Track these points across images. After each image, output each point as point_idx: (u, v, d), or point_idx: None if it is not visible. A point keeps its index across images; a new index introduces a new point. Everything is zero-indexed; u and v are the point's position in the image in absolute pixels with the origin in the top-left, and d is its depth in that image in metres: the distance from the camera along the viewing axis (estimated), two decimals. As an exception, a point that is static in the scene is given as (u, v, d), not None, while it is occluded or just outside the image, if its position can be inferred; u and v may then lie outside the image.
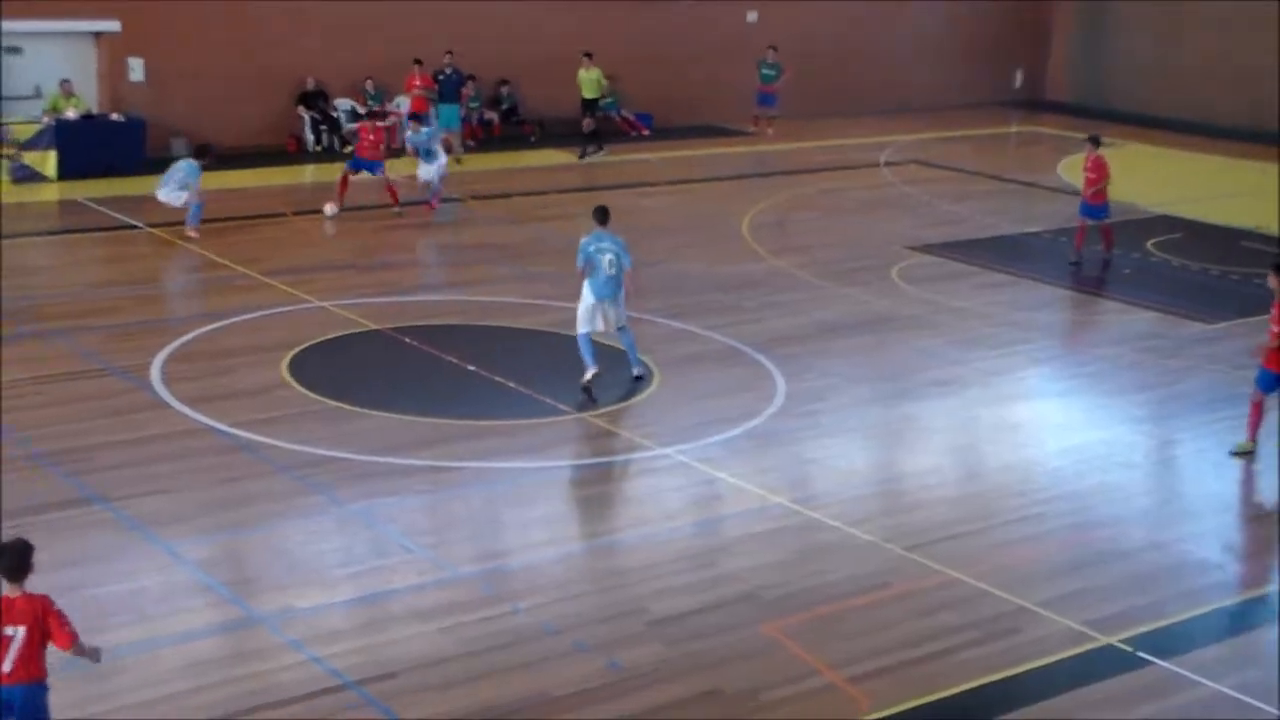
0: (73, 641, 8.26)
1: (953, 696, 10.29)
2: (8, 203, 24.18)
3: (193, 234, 21.85)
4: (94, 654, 8.56)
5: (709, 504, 13.60)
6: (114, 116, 26.92)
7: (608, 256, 15.68)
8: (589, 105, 30.17)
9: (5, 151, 25.09)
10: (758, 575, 12.02)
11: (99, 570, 11.64)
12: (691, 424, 15.24)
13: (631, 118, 33.16)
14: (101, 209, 23.71)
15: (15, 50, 26.77)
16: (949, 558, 12.39)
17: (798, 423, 15.49)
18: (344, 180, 24.01)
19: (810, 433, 15.29)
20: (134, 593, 11.29)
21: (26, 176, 25.21)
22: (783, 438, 15.10)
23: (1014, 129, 37.11)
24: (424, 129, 25.08)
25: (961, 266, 22.34)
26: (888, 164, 31.02)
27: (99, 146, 25.98)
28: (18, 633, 8.05)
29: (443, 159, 24.75)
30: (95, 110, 27.02)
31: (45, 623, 8.13)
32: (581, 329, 15.79)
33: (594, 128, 30.21)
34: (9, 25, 26.09)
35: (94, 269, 20.95)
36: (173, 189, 22.21)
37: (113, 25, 27.32)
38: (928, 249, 23.33)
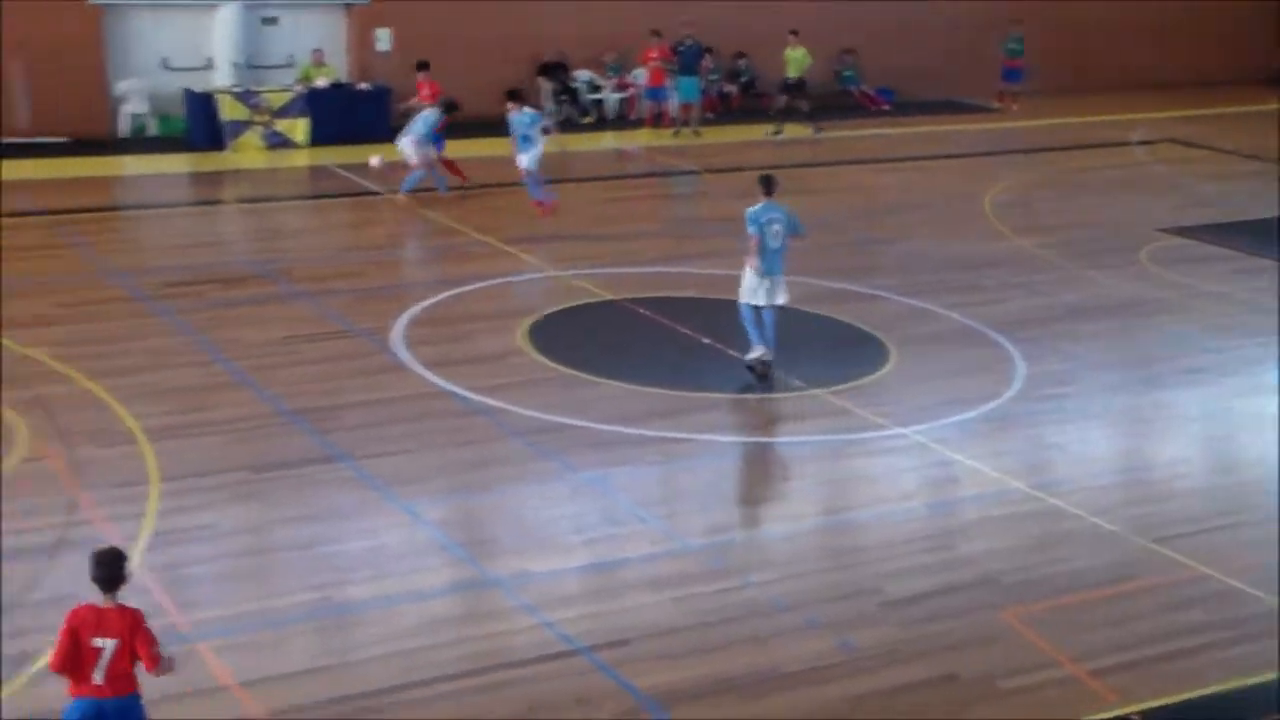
0: (157, 664, 7.91)
1: (1204, 697, 9.90)
2: (262, 168, 25.12)
3: (402, 200, 22.09)
4: (169, 664, 8.08)
5: (945, 486, 13.36)
6: (361, 85, 27.67)
7: (775, 227, 15.32)
8: (791, 84, 29.59)
9: (259, 119, 26.05)
10: (995, 560, 11.76)
11: (341, 526, 11.98)
12: (928, 404, 14.98)
13: (871, 92, 32.76)
14: (348, 175, 24.37)
15: (272, 21, 27.74)
16: (1200, 552, 11.92)
17: (1038, 407, 15.11)
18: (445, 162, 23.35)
19: (1052, 418, 14.89)
20: (373, 549, 11.58)
21: (279, 143, 26.12)
22: (1022, 421, 14.75)
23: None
24: (526, 110, 22.30)
25: (1217, 250, 21.50)
26: (1139, 142, 30.04)
27: (346, 114, 26.75)
28: (108, 645, 7.76)
29: (539, 148, 21.95)
30: (344, 79, 27.82)
31: (134, 641, 7.82)
32: (746, 299, 15.39)
33: (789, 105, 29.41)
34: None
35: (340, 233, 21.59)
36: (410, 139, 22.46)
37: (362, -4, 28.11)
38: (1181, 231, 22.51)
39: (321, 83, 26.92)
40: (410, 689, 9.65)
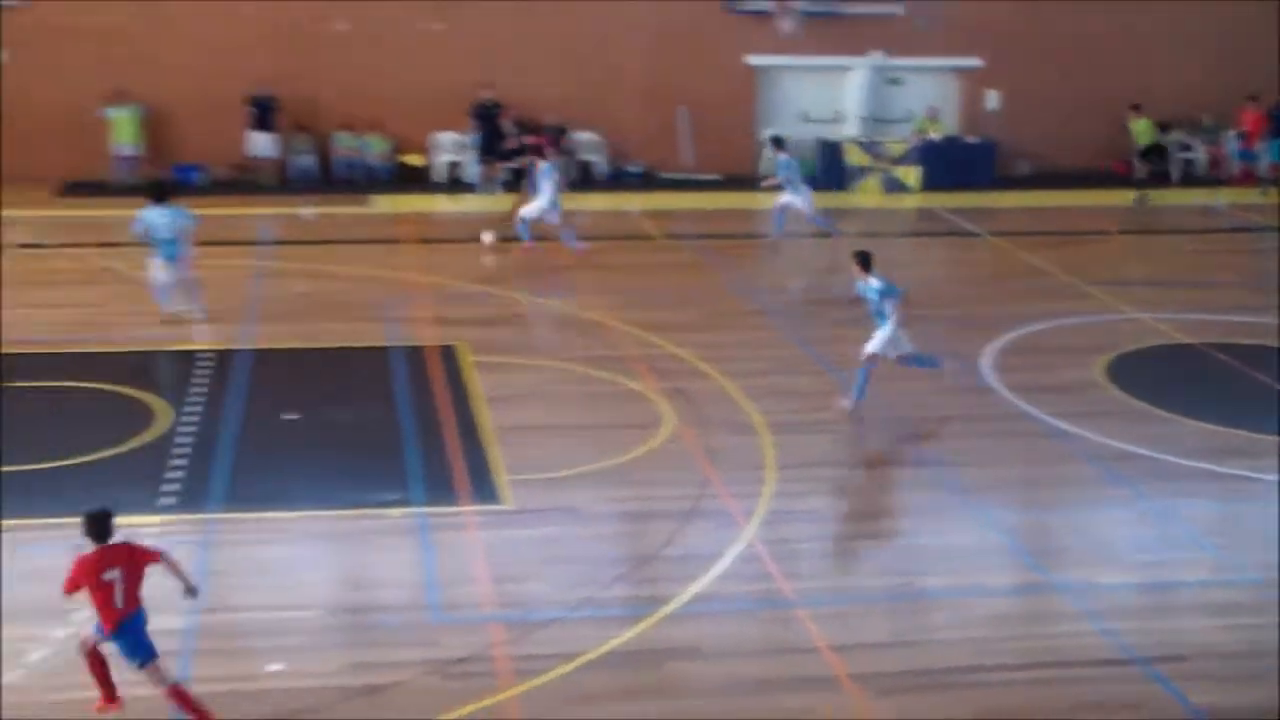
0: (159, 555, 8.63)
1: None
2: (877, 208, 25.62)
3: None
4: (168, 555, 8.75)
5: None
6: (969, 139, 27.62)
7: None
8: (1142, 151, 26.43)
9: (879, 165, 26.63)
10: None
11: (921, 522, 12.12)
12: None
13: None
14: (952, 218, 24.41)
15: (896, 81, 28.24)
16: None
17: None
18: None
19: None
20: (948, 547, 11.60)
21: (895, 188, 26.59)
22: None
23: None
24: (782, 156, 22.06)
25: None
26: None
27: (955, 164, 26.80)
28: (116, 574, 8.38)
29: (806, 193, 21.91)
30: (955, 133, 27.87)
31: (133, 558, 8.46)
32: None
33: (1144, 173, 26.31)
34: (898, 60, 27.57)
35: (941, 268, 21.66)
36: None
37: (975, 62, 28.01)
38: None
39: (934, 136, 27.13)
40: (975, 672, 9.65)
